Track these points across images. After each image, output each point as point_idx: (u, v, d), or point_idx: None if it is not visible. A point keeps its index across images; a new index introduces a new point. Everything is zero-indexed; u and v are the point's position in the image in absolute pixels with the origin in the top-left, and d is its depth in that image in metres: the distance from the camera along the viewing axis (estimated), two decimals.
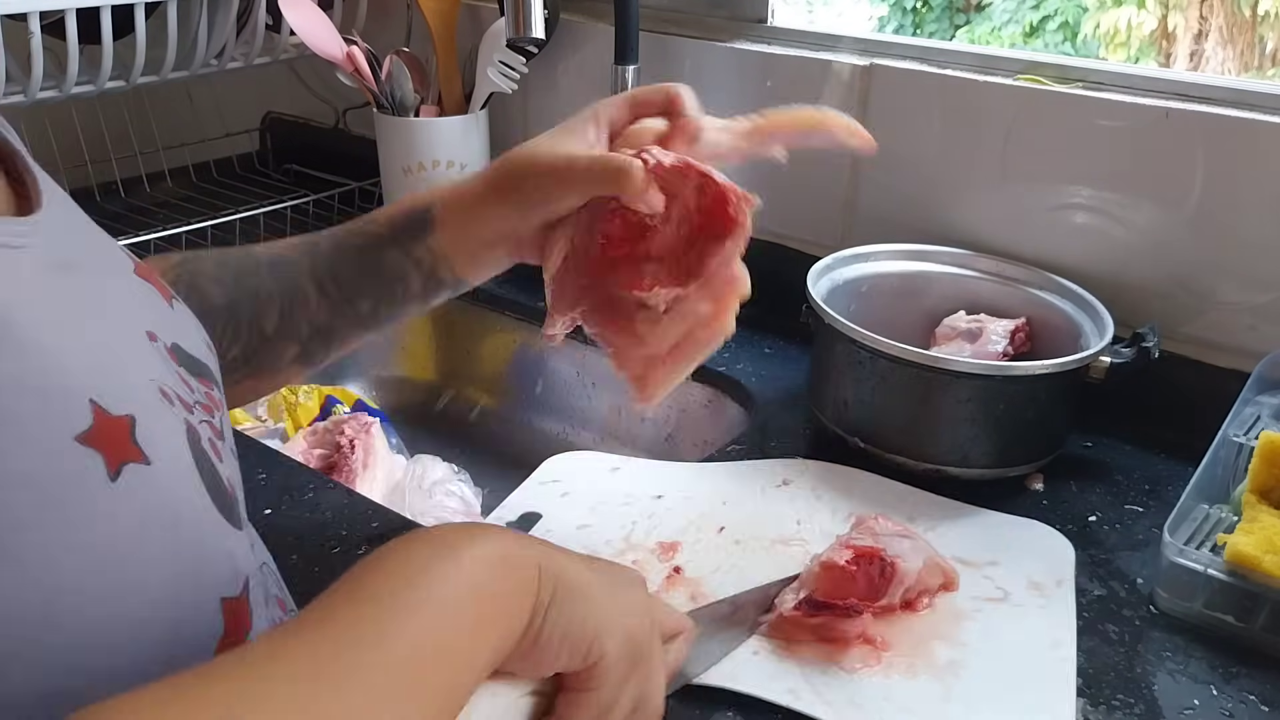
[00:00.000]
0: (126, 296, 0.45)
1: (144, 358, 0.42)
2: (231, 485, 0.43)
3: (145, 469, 0.37)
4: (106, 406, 0.37)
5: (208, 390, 0.47)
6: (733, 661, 0.60)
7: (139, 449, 0.37)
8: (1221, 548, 0.63)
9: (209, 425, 0.44)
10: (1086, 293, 0.83)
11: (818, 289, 0.83)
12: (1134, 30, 4.58)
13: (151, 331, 0.44)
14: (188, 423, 0.41)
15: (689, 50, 1.02)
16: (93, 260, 0.44)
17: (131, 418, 0.37)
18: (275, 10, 1.04)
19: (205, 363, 0.48)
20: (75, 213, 0.47)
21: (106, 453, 0.36)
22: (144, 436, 0.37)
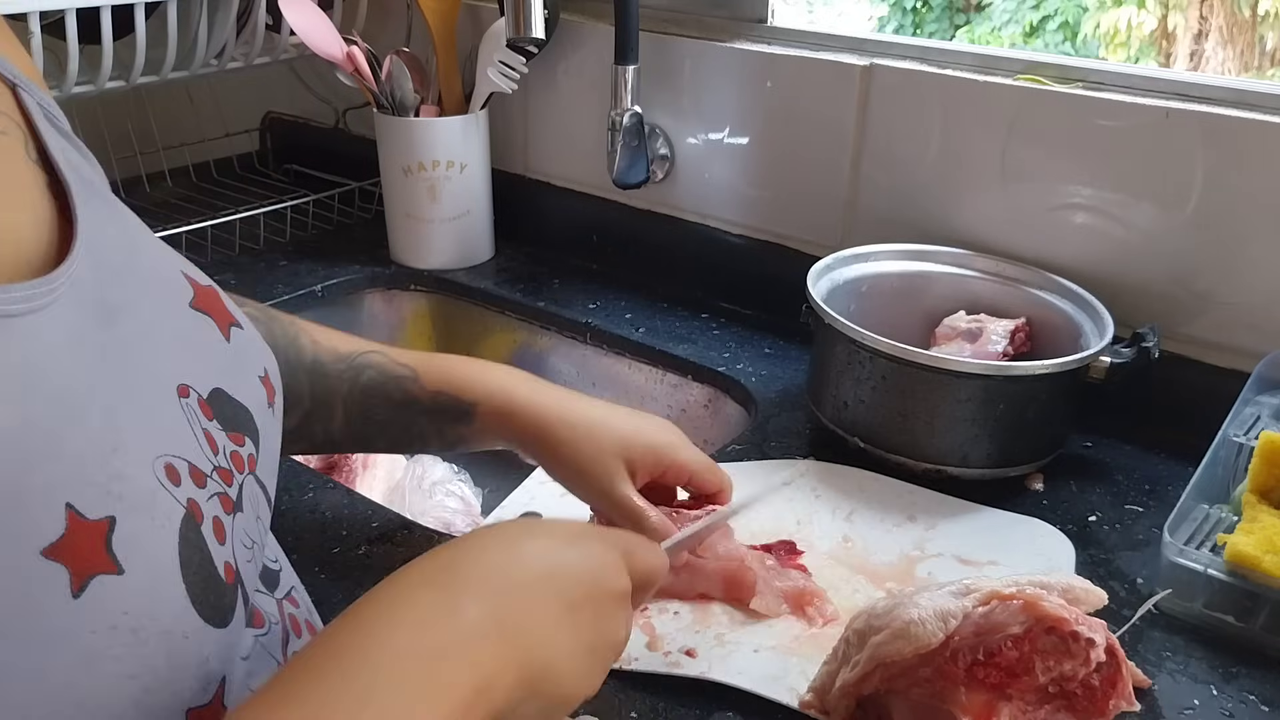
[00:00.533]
0: (167, 342, 0.43)
1: (159, 428, 0.40)
2: (231, 568, 0.41)
3: (115, 580, 0.35)
4: (83, 511, 0.35)
5: (237, 447, 0.45)
6: (734, 660, 0.60)
7: (112, 557, 0.35)
8: (1221, 548, 0.63)
9: (221, 499, 0.42)
10: (1086, 293, 0.83)
11: (818, 289, 0.83)
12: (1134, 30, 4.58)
13: (185, 385, 0.43)
14: (191, 504, 0.40)
15: (689, 50, 1.02)
16: (139, 300, 0.43)
17: (111, 520, 0.36)
18: (275, 10, 1.04)
19: (248, 407, 0.47)
20: (130, 239, 0.45)
21: (73, 566, 0.34)
22: (121, 540, 0.36)
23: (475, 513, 0.93)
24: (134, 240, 0.46)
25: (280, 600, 0.51)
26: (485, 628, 0.40)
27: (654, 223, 1.11)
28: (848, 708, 0.54)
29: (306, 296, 1.09)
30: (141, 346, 0.42)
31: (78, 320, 0.39)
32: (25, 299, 0.36)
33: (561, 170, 1.17)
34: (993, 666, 0.51)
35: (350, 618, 0.39)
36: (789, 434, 0.85)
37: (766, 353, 0.98)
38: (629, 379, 1.02)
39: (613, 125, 1.01)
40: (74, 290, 0.39)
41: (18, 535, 0.33)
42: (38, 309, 0.37)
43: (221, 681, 0.40)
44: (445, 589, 0.41)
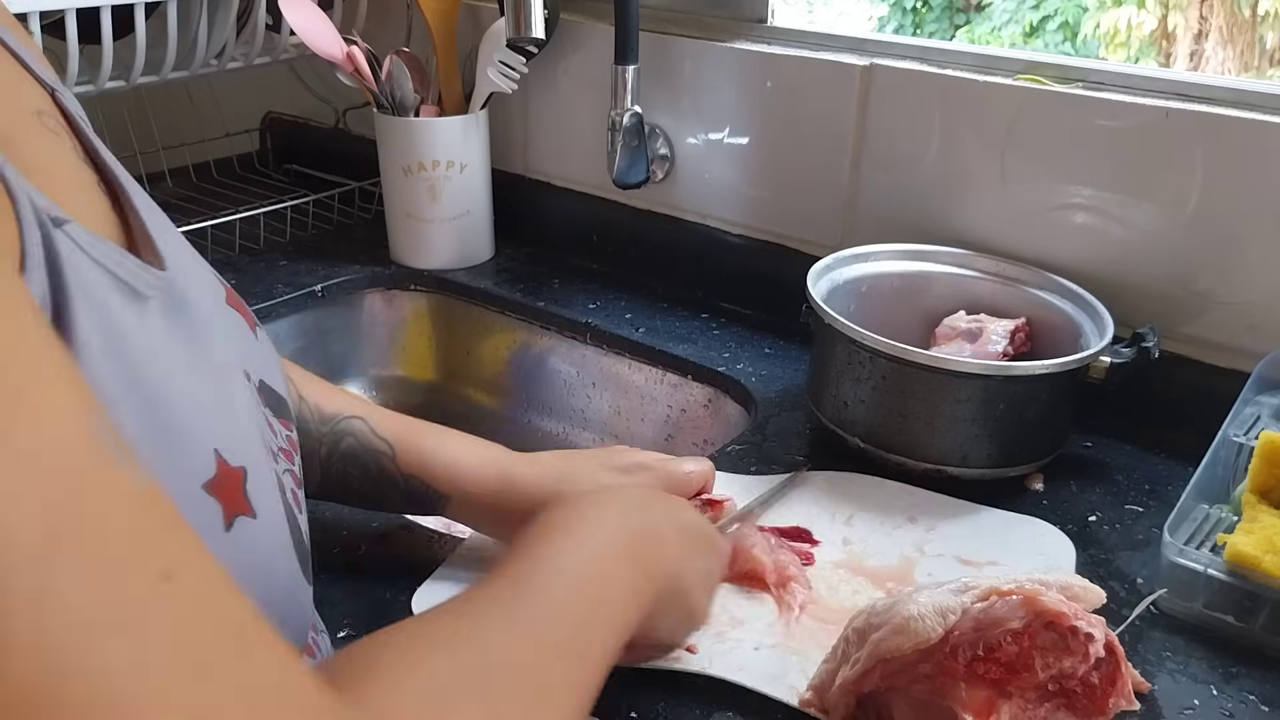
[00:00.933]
0: (225, 334, 0.46)
1: (248, 405, 0.44)
2: (306, 537, 0.45)
3: (252, 523, 0.39)
4: (227, 457, 0.38)
5: (289, 433, 0.48)
6: (735, 657, 0.60)
7: (249, 502, 0.39)
8: (1221, 548, 0.63)
9: (291, 474, 0.45)
10: (1086, 293, 0.83)
11: (818, 289, 0.83)
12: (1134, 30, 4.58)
13: (247, 370, 0.45)
14: (276, 475, 0.43)
15: (689, 50, 1.02)
16: (201, 294, 0.45)
17: (244, 470, 0.39)
18: (275, 10, 1.04)
19: (286, 400, 0.50)
20: (183, 245, 0.47)
21: (225, 503, 0.37)
22: (253, 490, 0.39)
23: None
24: (178, 238, 0.47)
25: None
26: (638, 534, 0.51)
27: (654, 223, 1.11)
28: (847, 706, 0.54)
29: (306, 296, 1.09)
30: (209, 338, 0.44)
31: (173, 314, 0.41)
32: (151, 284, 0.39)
33: (561, 170, 1.17)
34: (993, 662, 0.51)
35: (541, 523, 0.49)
36: (789, 434, 0.85)
37: (766, 353, 0.98)
38: (629, 379, 1.02)
39: (613, 125, 1.01)
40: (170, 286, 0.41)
41: (185, 470, 0.37)
42: (149, 297, 0.39)
43: (310, 631, 0.44)
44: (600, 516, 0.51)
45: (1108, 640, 0.51)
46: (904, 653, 0.51)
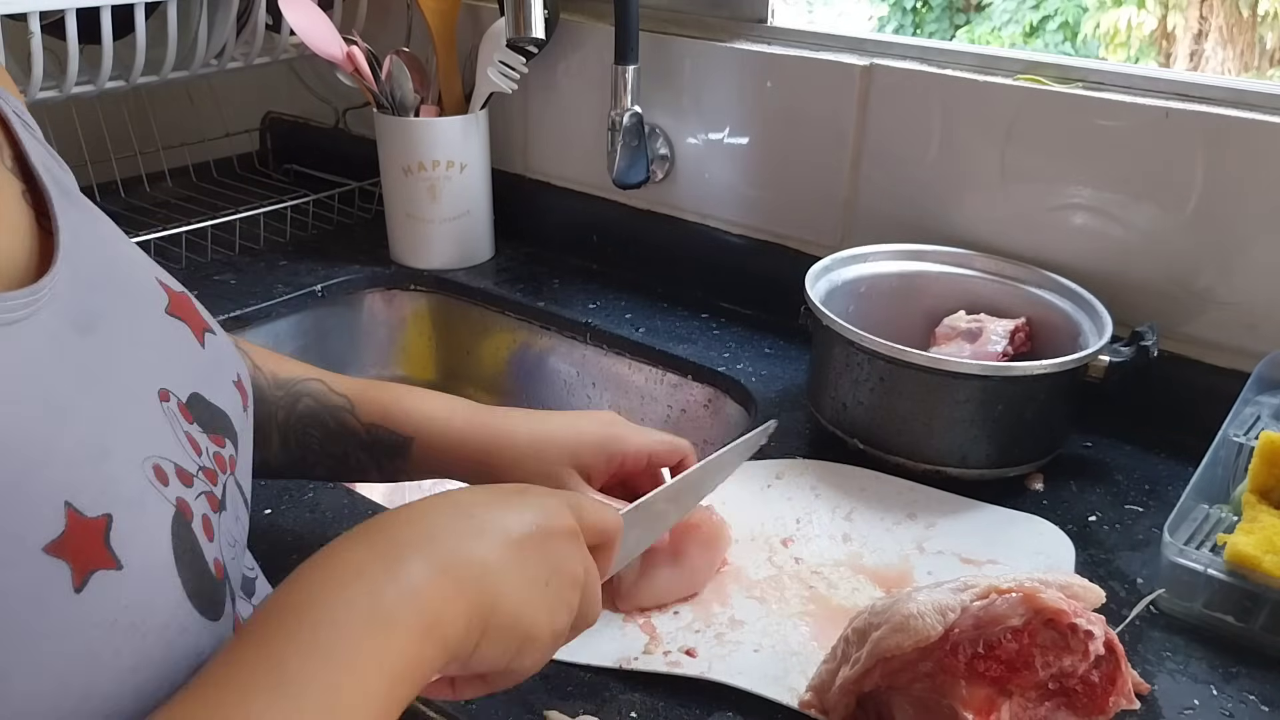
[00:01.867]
0: (145, 349, 0.44)
1: (144, 430, 0.41)
2: (218, 566, 0.42)
3: (115, 575, 0.36)
4: (81, 508, 0.36)
5: (219, 449, 0.45)
6: (734, 659, 0.60)
7: (110, 553, 0.36)
8: (1221, 548, 0.63)
9: (207, 497, 0.43)
10: (1086, 292, 0.83)
11: (816, 290, 0.83)
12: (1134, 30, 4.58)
13: (165, 389, 0.43)
14: (180, 502, 0.40)
15: (689, 50, 1.02)
16: (117, 307, 0.43)
17: (109, 518, 0.36)
18: (275, 10, 1.04)
19: (226, 411, 0.47)
20: (107, 247, 0.45)
21: (75, 562, 0.35)
22: (119, 537, 0.37)
23: None
24: (110, 247, 0.46)
25: (256, 606, 0.51)
26: (427, 575, 0.40)
27: (654, 223, 1.11)
28: (847, 706, 0.54)
29: (306, 296, 1.09)
30: (121, 353, 0.42)
31: (59, 328, 0.39)
32: (9, 309, 0.37)
33: (561, 170, 1.17)
34: (993, 660, 0.51)
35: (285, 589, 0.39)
36: (789, 434, 0.85)
37: (766, 353, 0.98)
38: (629, 379, 1.02)
39: (613, 125, 1.01)
40: (54, 300, 0.39)
41: (20, 533, 0.34)
42: (21, 319, 0.37)
43: None
44: (384, 553, 0.41)
45: (1107, 639, 0.51)
46: (904, 651, 0.51)
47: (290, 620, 0.37)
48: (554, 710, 0.56)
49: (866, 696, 0.54)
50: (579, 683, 0.59)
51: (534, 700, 0.57)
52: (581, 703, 0.57)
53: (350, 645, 0.37)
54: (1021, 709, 0.51)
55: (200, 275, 1.10)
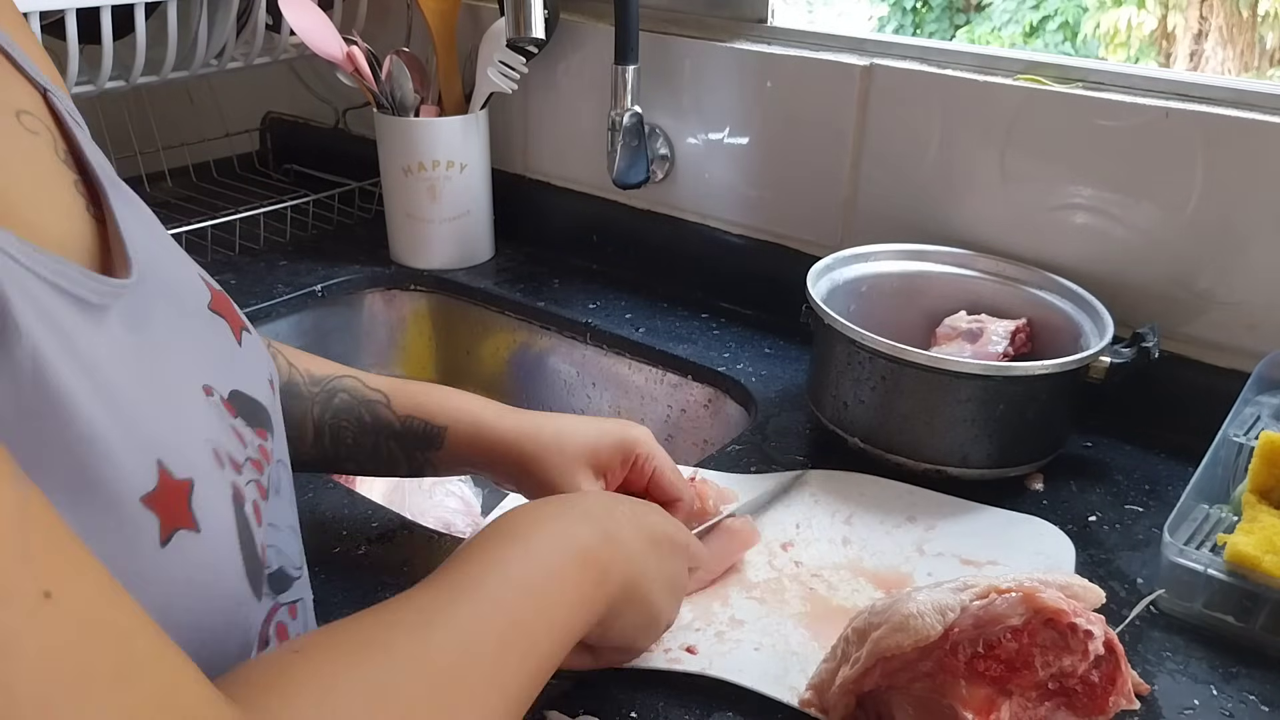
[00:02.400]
0: (193, 344, 0.45)
1: (202, 417, 0.43)
2: (264, 551, 0.44)
3: (194, 536, 0.38)
4: (171, 469, 0.38)
5: (262, 442, 0.47)
6: (735, 657, 0.60)
7: (192, 516, 0.38)
8: (1221, 548, 0.63)
9: (256, 485, 0.45)
10: (1086, 293, 0.83)
11: (817, 289, 0.83)
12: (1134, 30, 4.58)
13: (209, 385, 0.44)
14: (234, 486, 0.42)
15: (689, 50, 1.02)
16: (169, 305, 0.44)
17: (190, 482, 0.38)
18: (275, 10, 1.04)
19: (265, 406, 0.49)
20: (156, 241, 0.47)
21: (163, 517, 0.37)
22: (199, 503, 0.39)
23: (475, 513, 0.93)
24: (157, 243, 0.47)
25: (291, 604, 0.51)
26: (598, 539, 0.50)
27: (654, 223, 1.11)
28: (847, 705, 0.54)
29: (306, 296, 1.09)
30: (169, 348, 0.43)
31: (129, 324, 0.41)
32: (105, 292, 0.39)
33: (561, 170, 1.17)
34: (993, 659, 0.51)
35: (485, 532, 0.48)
36: (789, 434, 0.85)
37: (766, 353, 0.98)
38: (629, 379, 1.02)
39: (613, 125, 1.01)
40: (131, 295, 0.41)
41: (121, 481, 0.36)
42: (106, 306, 0.39)
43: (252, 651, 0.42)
44: (559, 519, 0.51)
45: (1107, 639, 0.51)
46: (904, 650, 0.51)
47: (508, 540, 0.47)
48: (554, 710, 0.56)
49: (866, 696, 0.54)
50: (579, 683, 0.59)
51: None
52: (581, 702, 0.57)
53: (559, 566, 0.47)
54: (1021, 709, 0.51)
55: None
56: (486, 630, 0.42)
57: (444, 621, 0.41)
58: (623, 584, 0.51)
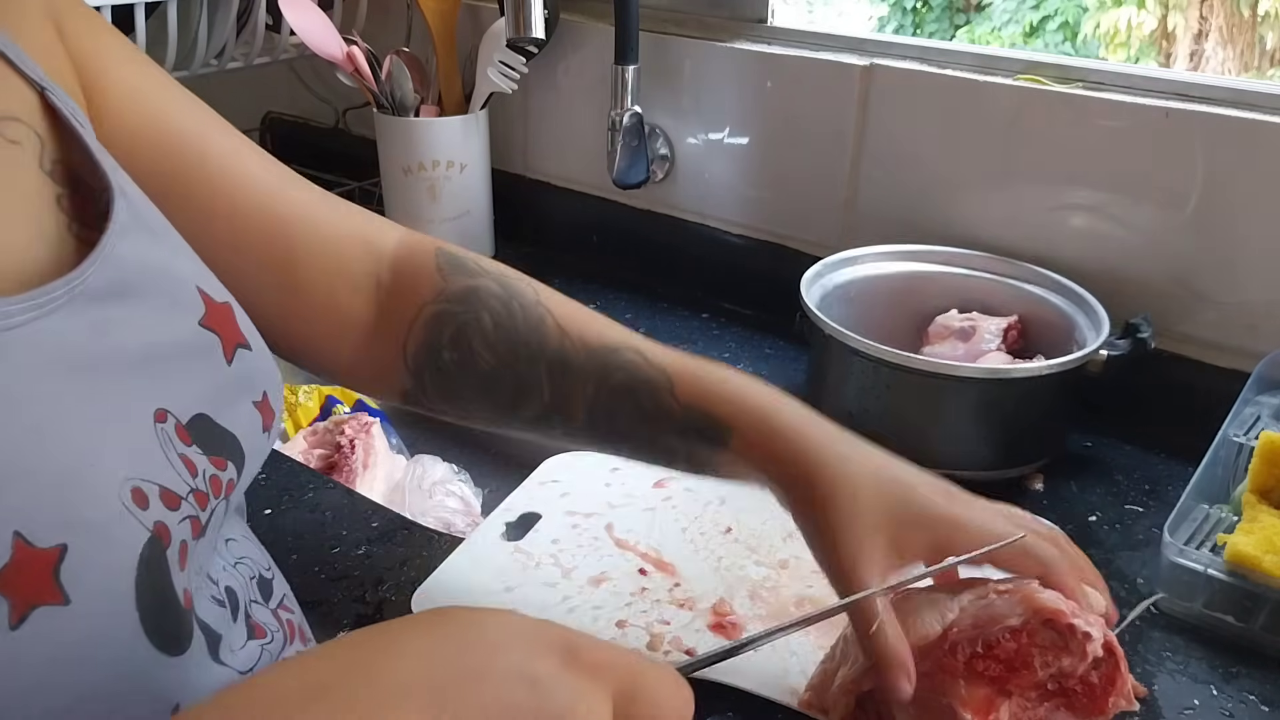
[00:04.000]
0: (155, 364, 0.42)
1: (130, 450, 0.39)
2: (186, 596, 0.40)
3: (59, 610, 0.34)
4: (33, 539, 0.34)
5: (218, 471, 0.44)
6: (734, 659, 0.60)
7: (58, 587, 0.34)
8: (1221, 548, 0.63)
9: (191, 522, 0.41)
10: (1079, 287, 0.83)
11: (810, 295, 0.83)
12: (1134, 30, 4.58)
13: (164, 409, 0.42)
14: (158, 526, 0.39)
15: (689, 50, 1.02)
16: (138, 318, 0.42)
17: (62, 548, 0.35)
18: (275, 10, 1.04)
19: (234, 434, 0.45)
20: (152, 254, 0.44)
21: (15, 597, 0.33)
22: (71, 570, 0.35)
23: (475, 513, 0.93)
24: (155, 253, 0.45)
25: (275, 610, 0.51)
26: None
27: (654, 223, 1.11)
28: (847, 705, 0.54)
29: None
30: (129, 364, 0.41)
31: (70, 332, 0.38)
32: (6, 315, 0.36)
33: (561, 170, 1.17)
34: (991, 659, 0.51)
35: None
36: None
37: (766, 353, 0.98)
38: None
39: (613, 125, 1.01)
40: (73, 302, 0.39)
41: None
42: (19, 324, 0.36)
43: (175, 709, 0.39)
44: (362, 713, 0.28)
45: (1106, 640, 0.51)
46: None
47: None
48: None
49: (866, 696, 0.54)
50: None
51: None
52: None
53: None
54: (1020, 709, 0.51)
55: None
56: None
57: None
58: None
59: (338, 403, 1.03)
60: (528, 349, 0.58)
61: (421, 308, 0.59)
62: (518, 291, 0.60)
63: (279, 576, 0.54)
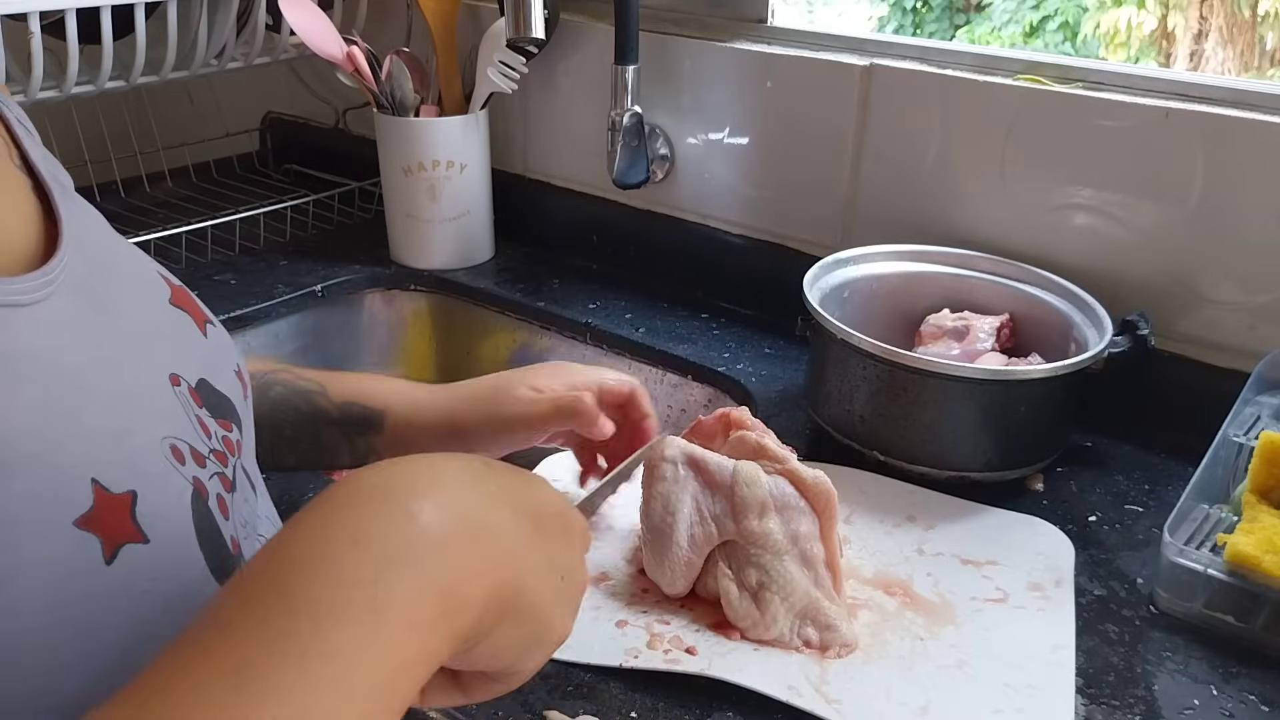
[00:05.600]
0: (153, 335, 0.46)
1: (160, 411, 0.43)
2: (235, 543, 0.44)
3: (142, 549, 0.37)
4: (108, 485, 0.37)
5: (226, 433, 0.47)
6: (734, 657, 0.60)
7: (138, 528, 0.38)
8: (1221, 548, 0.63)
9: (220, 478, 0.44)
10: (1075, 286, 0.83)
11: (810, 295, 0.82)
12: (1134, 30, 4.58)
13: (176, 374, 0.45)
14: (196, 481, 0.42)
15: (689, 50, 1.02)
16: (126, 293, 0.45)
17: (134, 494, 0.38)
18: (275, 10, 1.04)
19: (230, 398, 0.49)
20: (109, 241, 0.47)
21: (104, 535, 0.36)
22: (145, 512, 0.38)
23: None
24: (110, 241, 0.48)
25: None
26: (446, 530, 0.33)
27: (654, 223, 1.11)
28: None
29: (306, 296, 1.09)
30: (135, 336, 0.44)
31: (76, 310, 0.41)
32: (30, 290, 0.39)
33: (561, 170, 1.17)
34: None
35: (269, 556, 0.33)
36: (788, 434, 0.84)
37: (766, 353, 0.98)
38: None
39: (613, 125, 1.01)
40: (69, 283, 0.41)
41: (52, 507, 0.35)
42: (41, 299, 0.39)
43: None
44: (389, 498, 0.34)
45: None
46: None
47: (264, 600, 0.31)
48: (554, 710, 0.56)
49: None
50: (579, 683, 0.59)
51: (534, 700, 0.57)
52: (581, 703, 0.57)
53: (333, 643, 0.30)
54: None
55: (200, 275, 1.10)
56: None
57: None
58: (494, 589, 0.35)
59: None
60: None
61: None
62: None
63: None
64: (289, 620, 0.30)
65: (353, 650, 0.30)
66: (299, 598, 0.31)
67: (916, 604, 0.65)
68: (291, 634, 0.30)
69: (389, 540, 0.33)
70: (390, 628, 0.31)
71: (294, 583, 0.31)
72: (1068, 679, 0.59)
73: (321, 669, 0.29)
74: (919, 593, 0.66)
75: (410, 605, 0.32)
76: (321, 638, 0.30)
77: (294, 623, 0.30)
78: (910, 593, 0.66)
